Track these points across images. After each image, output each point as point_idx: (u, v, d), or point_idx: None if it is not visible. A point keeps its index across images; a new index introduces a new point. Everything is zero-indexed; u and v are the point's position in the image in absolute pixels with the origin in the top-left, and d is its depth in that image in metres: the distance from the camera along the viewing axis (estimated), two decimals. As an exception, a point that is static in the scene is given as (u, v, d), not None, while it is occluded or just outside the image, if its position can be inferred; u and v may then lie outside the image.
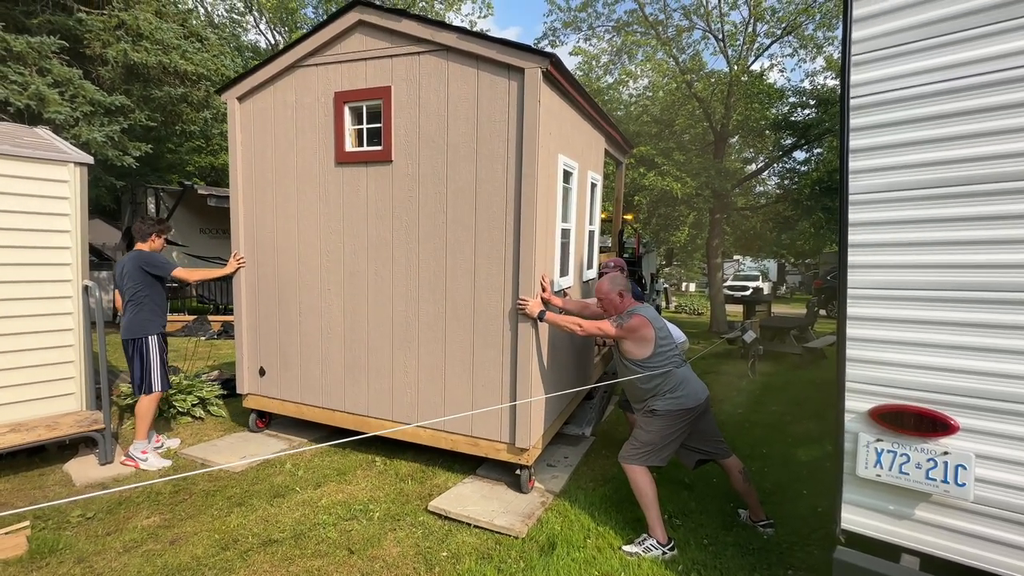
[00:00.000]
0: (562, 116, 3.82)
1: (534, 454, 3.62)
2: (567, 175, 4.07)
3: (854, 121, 1.98)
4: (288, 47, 4.05)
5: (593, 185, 5.05)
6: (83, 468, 3.80)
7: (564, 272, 4.27)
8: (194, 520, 3.17)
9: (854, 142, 1.98)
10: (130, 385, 4.36)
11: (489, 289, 3.55)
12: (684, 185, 11.37)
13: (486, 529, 3.16)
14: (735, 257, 29.01)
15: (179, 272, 4.10)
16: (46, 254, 3.82)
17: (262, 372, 4.47)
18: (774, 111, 11.81)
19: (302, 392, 4.31)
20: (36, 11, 9.24)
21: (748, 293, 21.08)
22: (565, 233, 4.20)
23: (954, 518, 1.88)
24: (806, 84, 13.89)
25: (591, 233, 5.17)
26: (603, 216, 7.18)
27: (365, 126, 3.93)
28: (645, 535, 3.01)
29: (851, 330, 2.01)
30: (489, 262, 3.53)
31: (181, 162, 14.26)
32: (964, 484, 1.82)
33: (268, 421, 4.77)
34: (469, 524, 3.20)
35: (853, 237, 1.99)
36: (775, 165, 13.24)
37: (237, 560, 2.79)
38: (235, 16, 16.12)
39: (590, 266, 5.23)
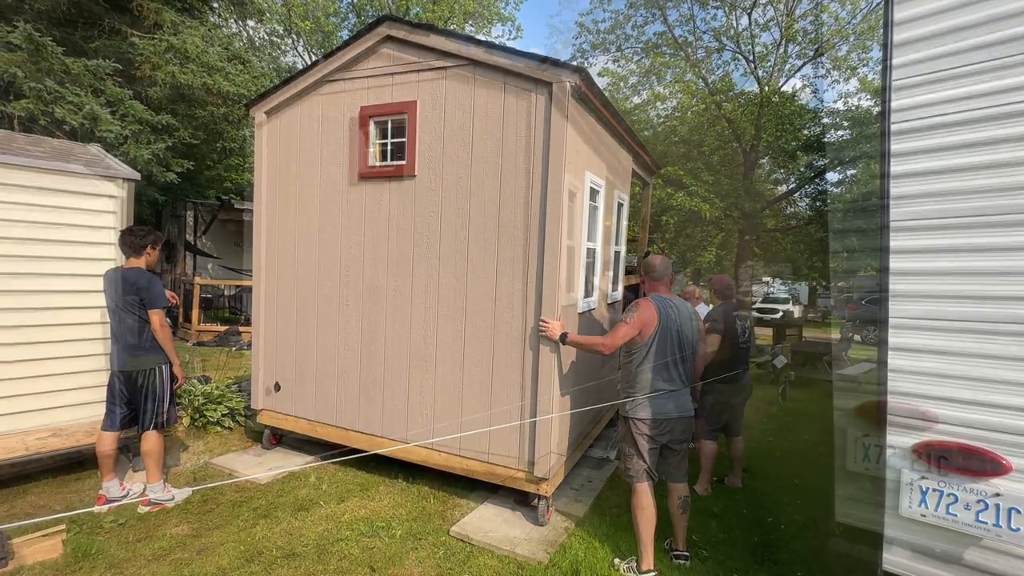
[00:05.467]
0: (590, 133, 3.79)
1: (554, 483, 3.49)
2: (593, 193, 4.04)
3: (895, 147, 1.94)
4: (317, 62, 4.09)
5: (620, 205, 5.03)
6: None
7: (588, 293, 4.24)
8: (221, 530, 3.22)
9: (895, 167, 1.94)
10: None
11: (510, 308, 3.47)
12: (712, 206, 11.25)
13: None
14: (764, 279, 28.40)
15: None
16: (93, 265, 3.99)
17: (277, 387, 4.42)
18: (806, 132, 11.64)
19: (316, 410, 4.25)
20: (94, 36, 9.83)
21: (778, 316, 20.57)
22: (590, 252, 4.16)
23: (1008, 565, 1.77)
24: (839, 105, 13.66)
25: (616, 254, 5.13)
26: (629, 236, 7.13)
27: (389, 141, 3.93)
28: (634, 557, 3.00)
29: (894, 361, 1.94)
30: (511, 280, 3.46)
31: (219, 178, 14.81)
32: (1019, 529, 1.71)
33: (281, 438, 4.72)
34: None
35: (896, 264, 1.93)
36: (806, 186, 13.01)
37: (261, 573, 2.81)
38: (275, 39, 16.83)
39: (615, 287, 5.18)
